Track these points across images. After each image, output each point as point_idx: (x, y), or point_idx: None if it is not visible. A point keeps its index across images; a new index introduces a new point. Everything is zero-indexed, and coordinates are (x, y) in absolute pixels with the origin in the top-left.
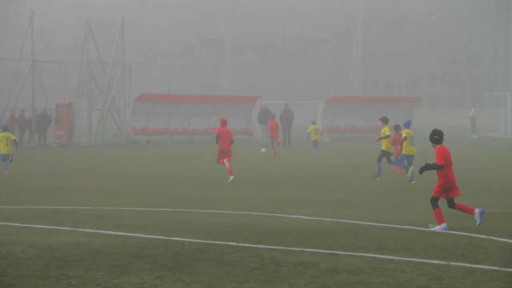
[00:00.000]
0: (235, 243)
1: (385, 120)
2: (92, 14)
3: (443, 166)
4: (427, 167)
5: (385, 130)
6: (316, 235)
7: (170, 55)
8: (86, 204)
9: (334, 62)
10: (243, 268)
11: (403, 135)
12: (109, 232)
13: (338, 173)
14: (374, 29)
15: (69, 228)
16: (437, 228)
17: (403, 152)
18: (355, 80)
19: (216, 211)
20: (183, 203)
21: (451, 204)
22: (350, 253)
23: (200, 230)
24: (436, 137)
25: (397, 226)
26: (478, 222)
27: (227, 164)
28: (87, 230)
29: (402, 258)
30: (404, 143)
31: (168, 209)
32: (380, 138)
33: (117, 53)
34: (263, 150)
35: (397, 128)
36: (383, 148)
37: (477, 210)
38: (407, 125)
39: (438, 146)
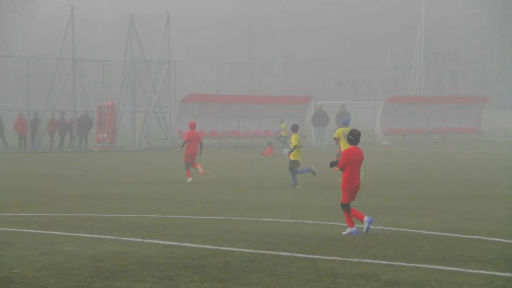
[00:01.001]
0: (289, 254)
1: (294, 128)
2: (132, 8)
3: (340, 168)
4: (333, 163)
5: (293, 139)
6: (375, 245)
7: (218, 52)
8: (131, 212)
9: (395, 59)
10: (298, 280)
11: (337, 135)
12: (156, 241)
13: (398, 178)
14: (438, 25)
15: (113, 237)
16: (348, 231)
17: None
18: (418, 78)
19: (268, 219)
20: (232, 211)
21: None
22: (412, 264)
23: (251, 240)
24: (351, 137)
25: (463, 235)
26: (365, 229)
27: (199, 168)
28: (132, 239)
29: (470, 271)
30: (341, 142)
31: (217, 217)
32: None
33: (162, 50)
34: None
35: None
36: (291, 158)
37: (366, 218)
38: (346, 124)
39: (349, 146)
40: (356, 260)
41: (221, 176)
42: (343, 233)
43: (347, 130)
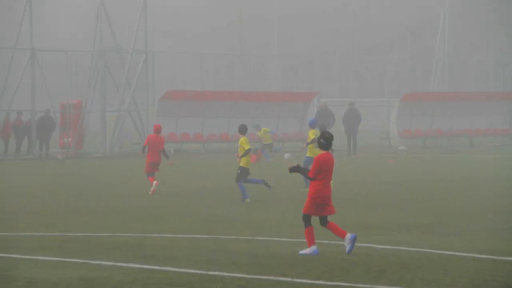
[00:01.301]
0: (289, 279)
1: (243, 130)
2: None
3: (311, 178)
4: (297, 169)
5: (243, 142)
6: (391, 268)
7: (203, 40)
8: (101, 231)
9: (413, 50)
10: None
11: (311, 137)
12: (131, 265)
13: (416, 190)
14: (466, 10)
15: (81, 260)
16: (307, 251)
17: (308, 154)
18: (440, 71)
19: (263, 238)
20: (221, 229)
21: (323, 222)
22: None
23: (244, 262)
24: (322, 141)
25: (495, 257)
26: (348, 248)
27: (154, 184)
28: (103, 262)
29: None
30: (310, 145)
31: (203, 236)
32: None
33: (138, 38)
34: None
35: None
36: (241, 164)
37: (348, 235)
38: (313, 124)
39: (322, 152)
40: (368, 286)
41: (208, 187)
42: (300, 252)
43: (319, 133)
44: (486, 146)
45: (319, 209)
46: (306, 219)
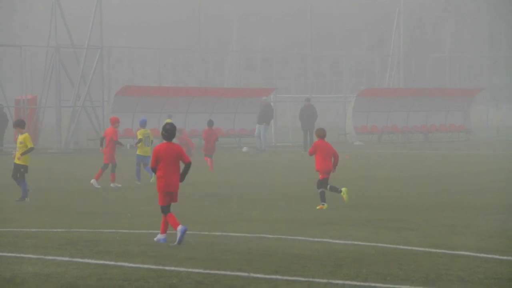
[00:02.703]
0: (245, 274)
1: (20, 124)
2: None
3: (153, 169)
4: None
5: (26, 139)
6: (347, 263)
7: (160, 36)
8: (56, 226)
9: (369, 44)
10: None
11: (138, 136)
12: (86, 260)
13: (372, 186)
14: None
15: (35, 256)
16: (158, 237)
17: (138, 153)
18: (395, 67)
19: (220, 233)
20: None
21: (165, 210)
22: (390, 285)
23: (201, 257)
24: (164, 132)
25: (449, 251)
26: (177, 239)
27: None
28: (58, 258)
29: None
30: (140, 144)
31: (159, 232)
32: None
33: (93, 34)
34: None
35: (209, 124)
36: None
37: (180, 227)
38: (143, 124)
39: (161, 143)
40: (324, 281)
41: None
42: (154, 239)
43: (147, 132)
44: (441, 142)
45: (166, 197)
46: (163, 210)
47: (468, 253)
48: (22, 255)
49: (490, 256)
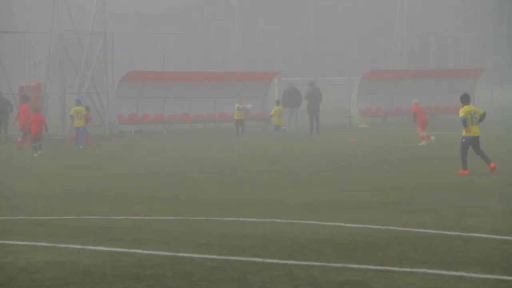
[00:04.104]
0: (260, 259)
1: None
2: None
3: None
4: None
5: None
6: (361, 246)
7: (164, 22)
8: (68, 214)
9: (372, 26)
10: None
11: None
12: (100, 248)
13: (381, 168)
14: None
15: (48, 244)
16: None
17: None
18: (400, 49)
19: (233, 218)
20: (190, 210)
21: None
22: (407, 269)
23: (215, 244)
24: None
25: (464, 233)
26: None
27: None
28: (71, 245)
29: (474, 275)
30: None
31: (172, 217)
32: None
33: (96, 19)
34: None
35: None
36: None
37: None
38: (78, 103)
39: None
40: (340, 265)
41: (174, 168)
42: None
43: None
44: (446, 123)
45: None
46: None
47: (483, 235)
48: (34, 243)
49: (506, 237)
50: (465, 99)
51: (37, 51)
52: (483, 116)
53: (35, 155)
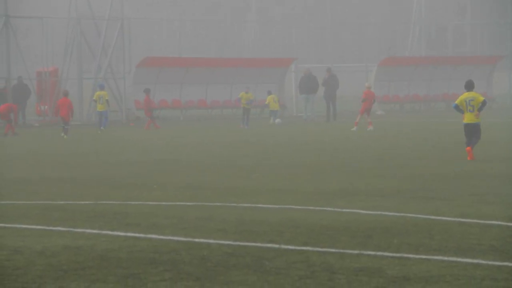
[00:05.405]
0: (276, 245)
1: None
2: None
3: None
4: None
5: None
6: (377, 233)
7: (179, 7)
8: (84, 199)
9: (390, 12)
10: (289, 277)
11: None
12: (116, 233)
13: (399, 155)
14: None
15: (65, 229)
16: None
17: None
18: (417, 35)
19: (249, 204)
20: (207, 196)
21: None
22: (423, 256)
23: (231, 230)
24: None
25: (481, 221)
26: None
27: None
28: (87, 230)
29: (491, 262)
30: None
31: (188, 203)
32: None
33: (114, 5)
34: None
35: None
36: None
37: None
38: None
39: None
40: (356, 252)
41: (190, 155)
42: None
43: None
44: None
45: None
46: None
47: (499, 222)
48: (51, 227)
49: None
50: (466, 86)
51: (54, 36)
52: (482, 104)
53: (65, 136)
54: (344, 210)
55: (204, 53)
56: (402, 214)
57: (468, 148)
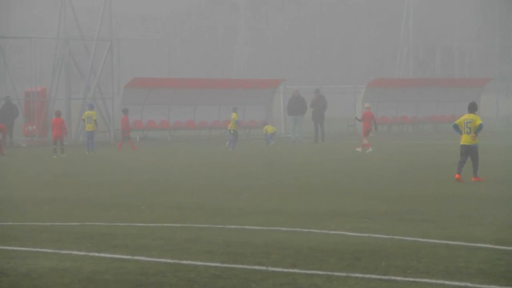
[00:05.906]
0: (263, 267)
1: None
2: None
3: None
4: None
5: None
6: (365, 256)
7: (169, 28)
8: (70, 219)
9: (378, 33)
10: None
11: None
12: (103, 254)
13: (387, 176)
14: None
15: (51, 250)
16: None
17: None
18: (405, 57)
19: (236, 226)
20: (194, 217)
21: None
22: (411, 279)
23: (218, 251)
24: None
25: (469, 243)
26: None
27: None
28: (74, 252)
29: (479, 286)
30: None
31: (175, 224)
32: None
33: (103, 25)
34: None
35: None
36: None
37: None
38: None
39: None
40: (343, 274)
41: (177, 175)
42: None
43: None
44: (452, 132)
45: None
46: None
47: (487, 245)
48: (37, 249)
49: (510, 248)
50: (469, 108)
51: (43, 56)
52: (478, 127)
53: (54, 156)
54: (332, 232)
55: (193, 73)
56: (390, 236)
57: (457, 176)
